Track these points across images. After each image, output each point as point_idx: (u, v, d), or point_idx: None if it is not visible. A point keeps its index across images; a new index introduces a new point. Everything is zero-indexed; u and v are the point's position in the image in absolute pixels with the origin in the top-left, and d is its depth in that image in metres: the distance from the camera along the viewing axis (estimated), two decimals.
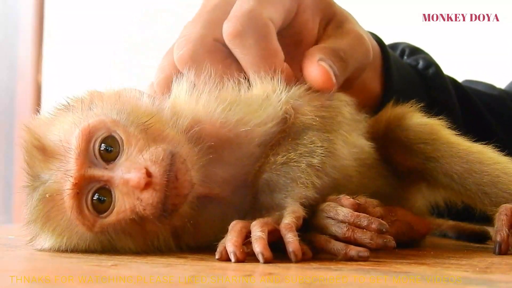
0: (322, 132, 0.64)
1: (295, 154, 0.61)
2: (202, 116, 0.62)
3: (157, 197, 0.56)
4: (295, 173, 0.60)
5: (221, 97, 0.64)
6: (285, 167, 0.61)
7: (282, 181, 0.60)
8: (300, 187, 0.60)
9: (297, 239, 0.54)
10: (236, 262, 0.53)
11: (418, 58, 1.00)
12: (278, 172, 0.61)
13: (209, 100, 0.63)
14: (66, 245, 0.60)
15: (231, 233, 0.56)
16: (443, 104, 0.94)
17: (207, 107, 0.63)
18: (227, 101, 0.63)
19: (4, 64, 2.75)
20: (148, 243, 0.60)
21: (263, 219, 0.57)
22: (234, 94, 0.65)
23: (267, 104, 0.64)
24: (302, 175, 0.61)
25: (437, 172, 0.72)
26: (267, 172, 0.61)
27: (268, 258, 0.53)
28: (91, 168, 0.58)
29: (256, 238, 0.54)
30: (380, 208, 0.64)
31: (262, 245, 0.53)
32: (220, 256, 0.55)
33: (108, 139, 0.58)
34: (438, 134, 0.73)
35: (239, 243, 0.54)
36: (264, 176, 0.61)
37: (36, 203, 0.59)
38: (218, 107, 0.62)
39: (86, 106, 0.61)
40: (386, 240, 0.57)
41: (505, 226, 0.63)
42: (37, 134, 0.60)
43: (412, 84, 0.93)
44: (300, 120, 0.64)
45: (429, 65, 0.98)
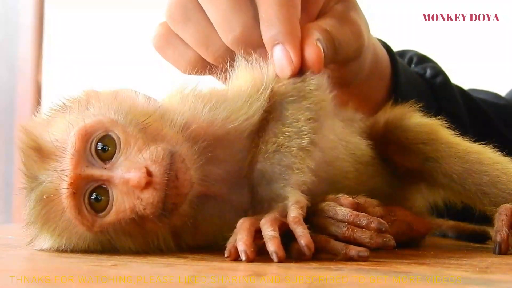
0: (299, 102, 0.63)
1: (284, 138, 0.61)
2: (189, 117, 0.62)
3: (157, 197, 0.56)
4: (289, 159, 0.60)
5: (208, 96, 0.64)
6: (277, 155, 0.61)
7: (277, 169, 0.60)
8: (297, 173, 0.60)
9: (307, 232, 0.54)
10: (247, 261, 0.53)
11: (426, 67, 1.00)
12: (271, 160, 0.60)
13: (194, 100, 0.63)
14: (66, 245, 0.60)
15: (241, 232, 0.55)
16: (451, 113, 0.94)
17: (193, 108, 0.63)
18: (213, 100, 0.63)
19: (4, 64, 2.75)
20: (148, 243, 0.60)
21: (270, 215, 0.56)
22: (220, 92, 0.65)
23: (253, 99, 0.63)
24: (296, 160, 0.60)
25: (437, 172, 0.72)
26: (260, 162, 0.61)
27: (282, 257, 0.53)
28: (88, 168, 0.57)
29: (270, 237, 0.54)
30: (380, 208, 0.64)
31: (276, 244, 0.54)
32: (229, 255, 0.55)
33: (105, 138, 0.58)
34: (437, 134, 0.73)
35: (250, 242, 0.54)
36: (258, 167, 0.60)
37: (34, 204, 0.59)
38: (204, 108, 0.62)
39: (83, 106, 0.61)
40: (386, 239, 0.57)
41: (505, 226, 0.63)
42: (33, 135, 0.60)
43: (420, 93, 0.93)
44: (275, 92, 0.63)
45: (437, 74, 0.98)
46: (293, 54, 0.64)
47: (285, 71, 0.64)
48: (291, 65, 0.64)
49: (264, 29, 0.65)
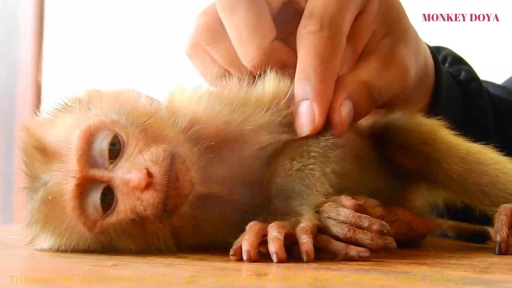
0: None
1: (309, 159, 0.62)
2: (204, 117, 0.62)
3: (157, 198, 0.56)
4: (310, 181, 0.61)
5: (227, 98, 0.64)
6: (300, 174, 0.61)
7: (298, 188, 0.61)
8: (315, 195, 0.61)
9: (311, 241, 0.55)
10: (249, 261, 0.54)
11: (461, 69, 0.97)
12: (293, 178, 0.61)
13: (210, 101, 0.63)
14: (66, 245, 0.59)
15: (249, 233, 0.56)
16: (479, 121, 0.93)
17: (211, 109, 0.63)
18: (234, 104, 0.63)
19: (4, 64, 2.75)
20: (149, 243, 0.60)
21: (280, 222, 0.57)
22: (241, 95, 0.65)
23: (275, 110, 0.64)
24: (317, 182, 0.61)
25: (437, 173, 0.72)
26: (282, 178, 0.61)
27: (282, 258, 0.53)
28: (92, 169, 0.57)
29: (272, 238, 0.54)
30: (380, 208, 0.64)
31: (278, 245, 0.54)
32: (234, 254, 0.55)
33: (115, 139, 0.58)
34: (438, 134, 0.73)
35: (255, 243, 0.55)
36: (279, 181, 0.61)
37: (38, 205, 0.58)
38: (223, 109, 0.63)
39: (85, 106, 0.61)
40: (387, 241, 0.57)
41: (504, 226, 0.63)
42: (36, 135, 0.60)
43: (455, 99, 0.92)
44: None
45: (472, 79, 0.96)
46: (318, 115, 0.63)
47: (304, 129, 0.64)
48: (312, 125, 0.63)
49: (298, 81, 0.64)
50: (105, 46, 2.56)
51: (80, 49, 2.60)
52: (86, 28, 2.61)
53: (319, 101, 0.63)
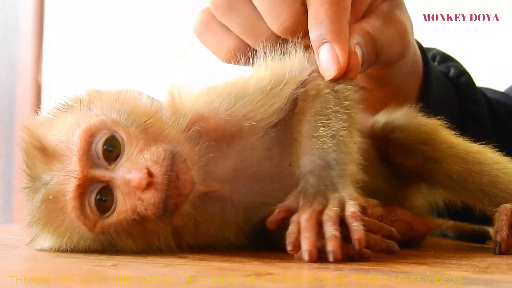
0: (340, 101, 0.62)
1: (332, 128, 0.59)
2: (205, 113, 0.62)
3: (158, 197, 0.56)
4: (345, 147, 0.59)
5: (226, 90, 0.63)
6: (334, 140, 0.59)
7: (334, 156, 0.58)
8: (353, 165, 0.58)
9: (362, 228, 0.53)
10: (310, 261, 0.53)
11: (450, 66, 0.99)
12: (327, 144, 0.58)
13: (211, 95, 0.63)
14: (66, 245, 0.59)
15: (307, 229, 0.54)
16: (474, 114, 0.93)
17: (210, 103, 0.63)
18: (232, 95, 0.62)
19: (4, 64, 2.75)
20: (149, 243, 0.60)
21: (333, 211, 0.54)
22: (239, 85, 0.64)
23: (274, 96, 0.63)
24: (352, 150, 0.59)
25: (437, 172, 0.72)
26: (311, 155, 0.58)
27: (338, 258, 0.52)
28: (92, 169, 0.57)
29: (331, 236, 0.53)
30: (380, 208, 0.64)
31: (336, 245, 0.53)
32: (292, 248, 0.54)
33: (110, 139, 0.58)
34: (438, 134, 0.73)
35: (315, 241, 0.53)
36: (310, 158, 0.58)
37: (39, 205, 0.58)
38: (222, 103, 0.62)
39: (86, 106, 0.61)
40: (391, 245, 0.57)
41: (504, 226, 0.63)
42: (37, 135, 0.60)
43: (445, 91, 0.93)
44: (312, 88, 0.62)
45: (461, 74, 0.97)
46: (341, 54, 0.62)
47: (330, 71, 0.62)
48: (337, 65, 0.62)
49: (312, 27, 0.64)
50: (105, 46, 2.56)
51: (80, 49, 2.60)
52: (86, 28, 2.61)
53: (338, 41, 0.63)
